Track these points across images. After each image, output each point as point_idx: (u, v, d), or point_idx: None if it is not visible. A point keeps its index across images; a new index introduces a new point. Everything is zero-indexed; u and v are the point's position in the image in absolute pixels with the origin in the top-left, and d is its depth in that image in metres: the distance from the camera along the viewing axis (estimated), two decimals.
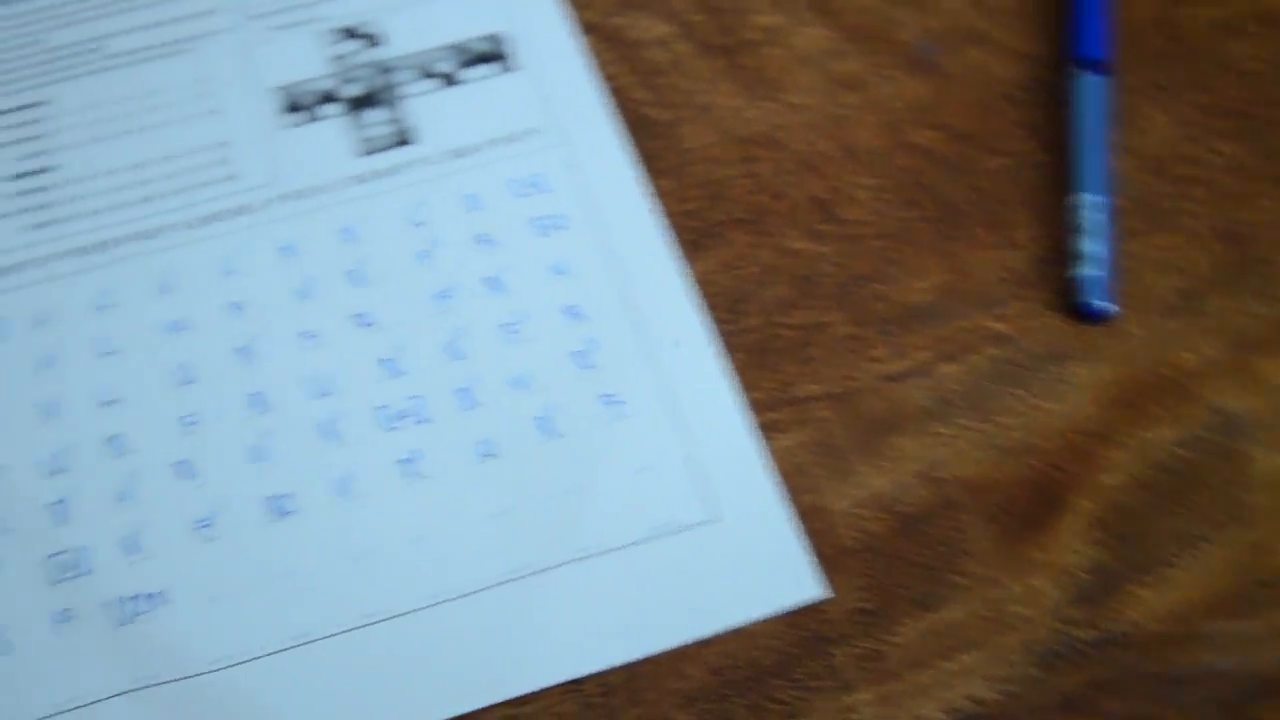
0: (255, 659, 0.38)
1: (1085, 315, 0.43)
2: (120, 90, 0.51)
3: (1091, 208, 0.45)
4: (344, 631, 0.39)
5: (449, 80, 0.51)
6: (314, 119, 0.50)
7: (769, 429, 0.42)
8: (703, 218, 0.47)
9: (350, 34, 0.52)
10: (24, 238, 0.47)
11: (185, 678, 0.38)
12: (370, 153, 0.49)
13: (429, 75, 0.51)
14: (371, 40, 0.52)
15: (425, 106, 0.50)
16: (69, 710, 0.38)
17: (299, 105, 0.50)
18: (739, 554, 0.40)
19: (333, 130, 0.50)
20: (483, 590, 0.39)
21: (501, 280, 0.45)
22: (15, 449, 0.42)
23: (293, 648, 0.38)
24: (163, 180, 0.48)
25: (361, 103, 0.50)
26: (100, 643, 0.39)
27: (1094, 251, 0.44)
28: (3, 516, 0.41)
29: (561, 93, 0.50)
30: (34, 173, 0.48)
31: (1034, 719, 0.37)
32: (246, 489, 0.41)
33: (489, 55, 0.51)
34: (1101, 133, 0.47)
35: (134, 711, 0.38)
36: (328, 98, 0.50)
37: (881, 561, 0.39)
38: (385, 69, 0.51)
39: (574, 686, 0.38)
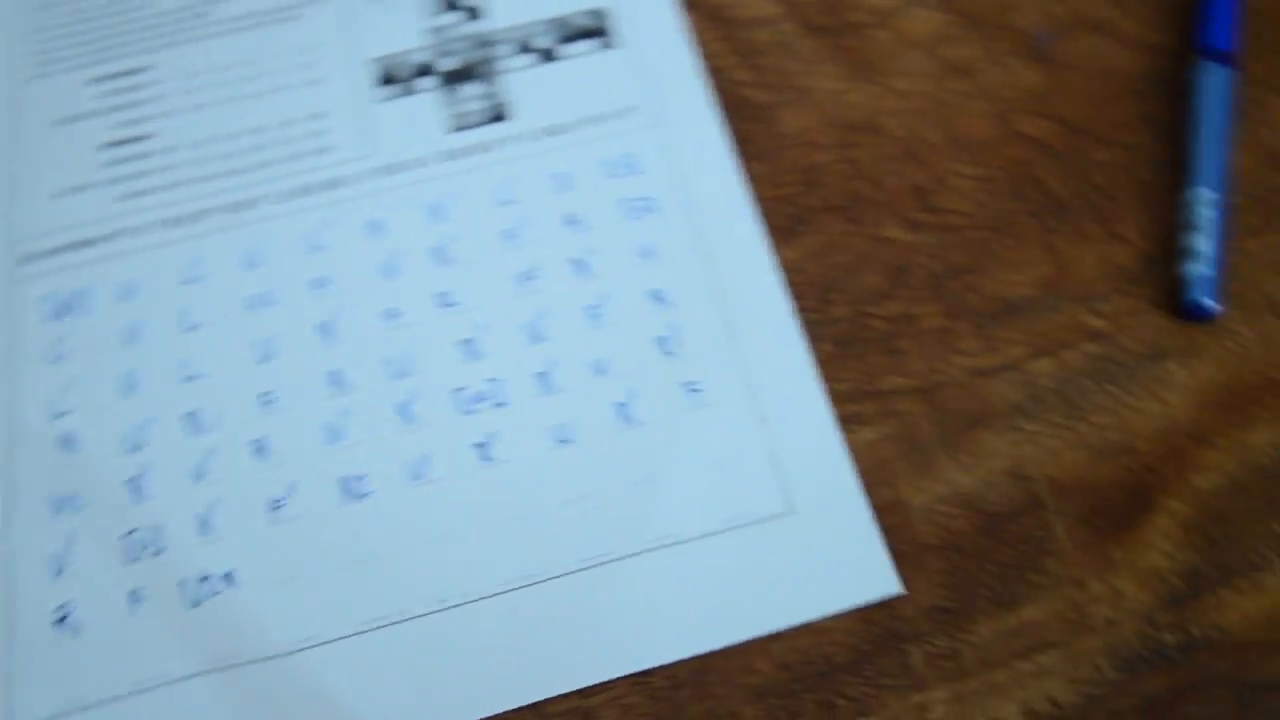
0: (327, 643, 0.40)
1: (1190, 314, 0.44)
2: (221, 58, 0.53)
3: (1205, 203, 0.45)
4: (416, 617, 0.41)
5: (548, 55, 0.53)
6: (409, 92, 0.52)
7: (852, 421, 0.43)
8: (796, 203, 0.48)
9: (451, 5, 0.54)
10: (115, 207, 0.50)
11: (257, 660, 0.40)
12: (464, 128, 0.51)
13: (528, 50, 0.53)
14: (472, 13, 0.54)
15: (522, 82, 0.52)
16: (143, 691, 0.40)
17: (395, 78, 0.53)
18: (816, 548, 0.41)
19: (427, 104, 0.52)
20: (556, 578, 0.41)
21: (588, 262, 0.47)
22: (95, 423, 0.45)
23: (365, 632, 0.40)
24: (257, 151, 0.51)
25: (458, 76, 0.53)
26: (173, 623, 0.41)
27: (1204, 249, 0.44)
28: (80, 491, 0.44)
29: (661, 72, 0.52)
30: (130, 140, 0.51)
31: None
32: (321, 469, 0.43)
33: (590, 31, 0.53)
34: (1222, 126, 0.47)
35: (207, 692, 0.40)
36: (424, 70, 0.53)
37: (962, 559, 0.41)
38: (484, 42, 0.53)
39: (642, 678, 0.39)
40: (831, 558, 0.41)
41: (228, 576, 0.42)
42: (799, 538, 0.41)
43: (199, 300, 0.47)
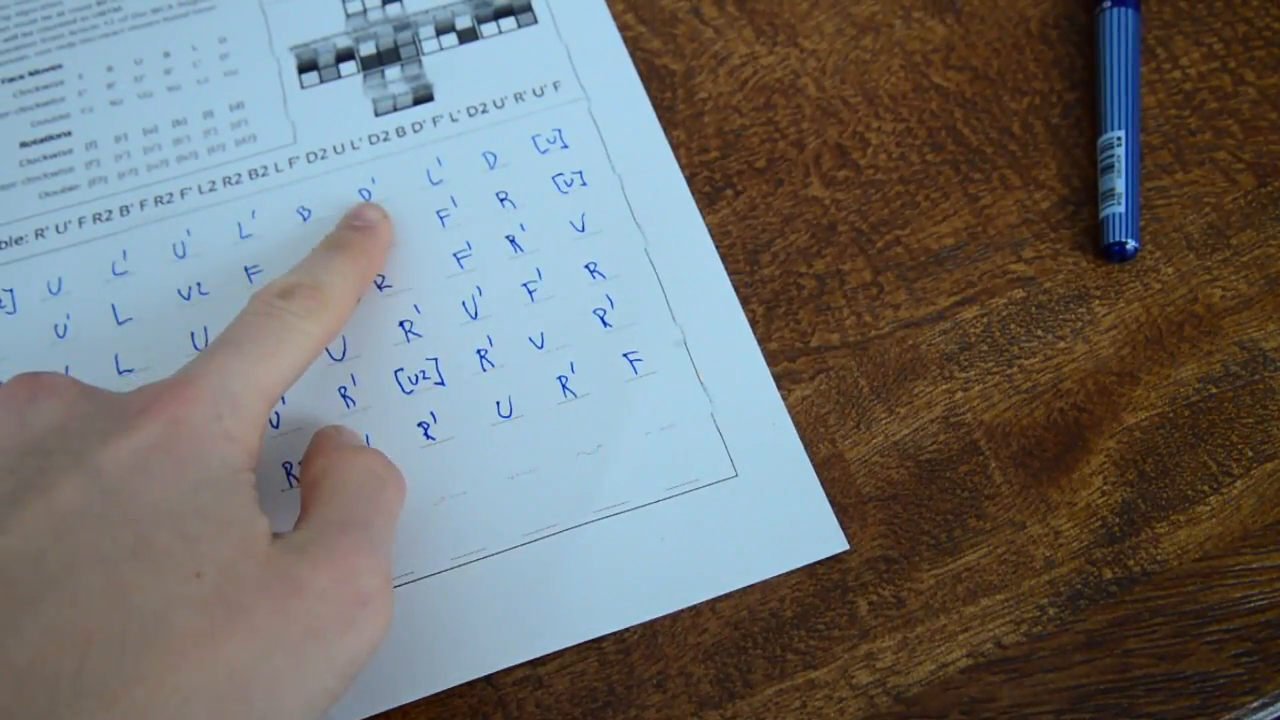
0: None
1: (1111, 255, 0.43)
2: (136, 52, 0.51)
3: (1118, 145, 0.45)
4: None
5: (469, 35, 0.51)
6: (331, 78, 0.50)
7: (787, 379, 0.42)
8: (719, 168, 0.47)
9: None
10: (38, 205, 0.48)
11: None
12: (388, 111, 0.49)
13: (448, 30, 0.52)
14: None
15: (444, 62, 0.51)
16: None
17: (316, 64, 0.51)
18: (762, 509, 0.40)
19: (350, 89, 0.50)
20: (504, 551, 0.40)
21: (521, 238, 0.46)
22: None
23: None
24: (180, 144, 0.49)
25: (379, 60, 0.51)
26: None
27: (1120, 189, 0.44)
28: None
29: (583, 45, 0.51)
30: (47, 139, 0.49)
31: (1057, 660, 0.37)
32: (264, 457, 0.41)
33: (510, 8, 0.52)
34: (1130, 68, 0.46)
35: None
36: (345, 56, 0.51)
37: (902, 509, 0.40)
38: (403, 25, 0.52)
39: (592, 644, 0.38)
40: (778, 518, 0.40)
41: None
42: (745, 500, 0.40)
43: (130, 294, 0.45)
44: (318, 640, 0.32)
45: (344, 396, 0.43)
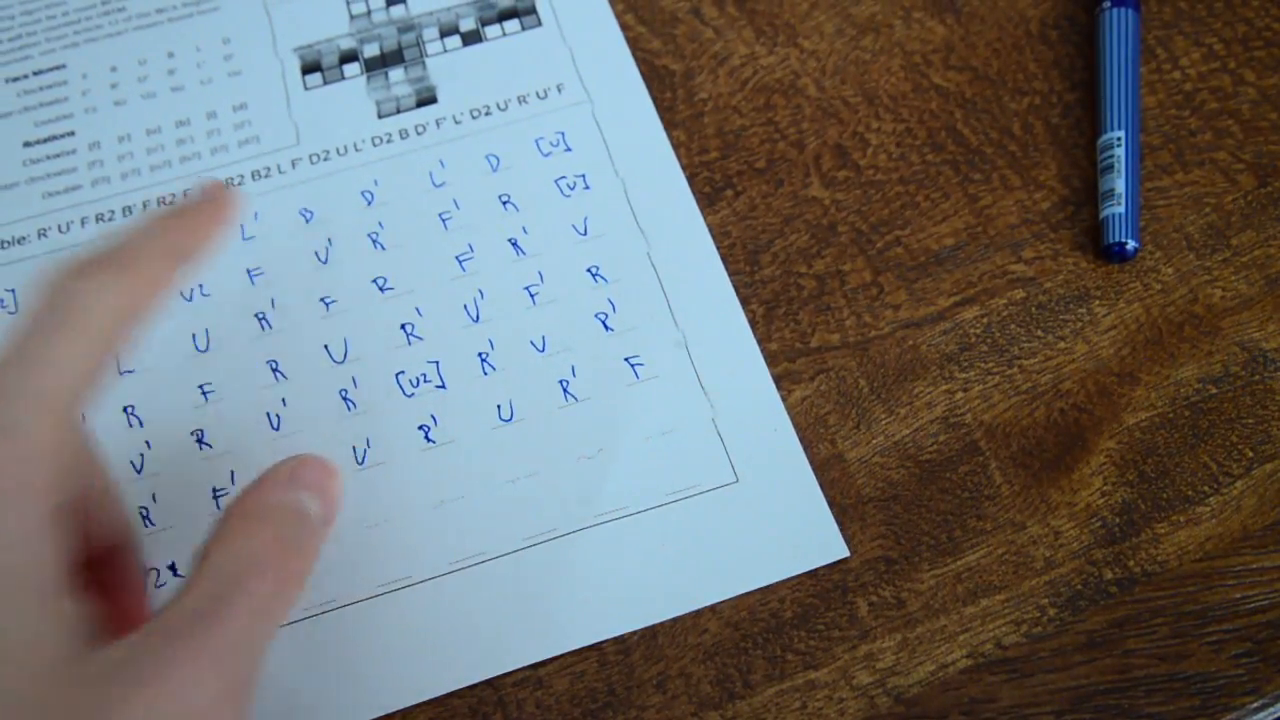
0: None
1: (1111, 255, 0.43)
2: (139, 53, 0.51)
3: (1118, 145, 0.44)
4: (364, 599, 0.39)
5: (472, 37, 0.51)
6: (335, 79, 0.50)
7: (787, 380, 0.42)
8: (719, 169, 0.47)
9: None
10: (40, 205, 0.47)
11: None
12: (391, 113, 0.49)
13: (452, 32, 0.51)
14: None
15: (447, 65, 0.50)
16: None
17: (319, 66, 0.50)
18: (762, 516, 0.40)
19: (353, 91, 0.50)
20: (503, 555, 0.39)
21: (523, 241, 0.45)
22: None
23: (313, 616, 0.39)
24: (183, 144, 0.48)
25: (383, 62, 0.51)
26: None
27: (1120, 190, 0.43)
28: None
29: (587, 48, 0.50)
30: (51, 139, 0.49)
31: (1058, 660, 0.37)
32: (263, 458, 0.40)
33: (514, 11, 0.51)
34: (1130, 68, 0.46)
35: None
36: (348, 57, 0.51)
37: (902, 509, 0.40)
38: (407, 27, 0.51)
39: (592, 645, 0.38)
40: (778, 525, 0.40)
41: (172, 568, 0.40)
42: (745, 506, 0.40)
43: None
44: None
45: (345, 399, 0.42)
